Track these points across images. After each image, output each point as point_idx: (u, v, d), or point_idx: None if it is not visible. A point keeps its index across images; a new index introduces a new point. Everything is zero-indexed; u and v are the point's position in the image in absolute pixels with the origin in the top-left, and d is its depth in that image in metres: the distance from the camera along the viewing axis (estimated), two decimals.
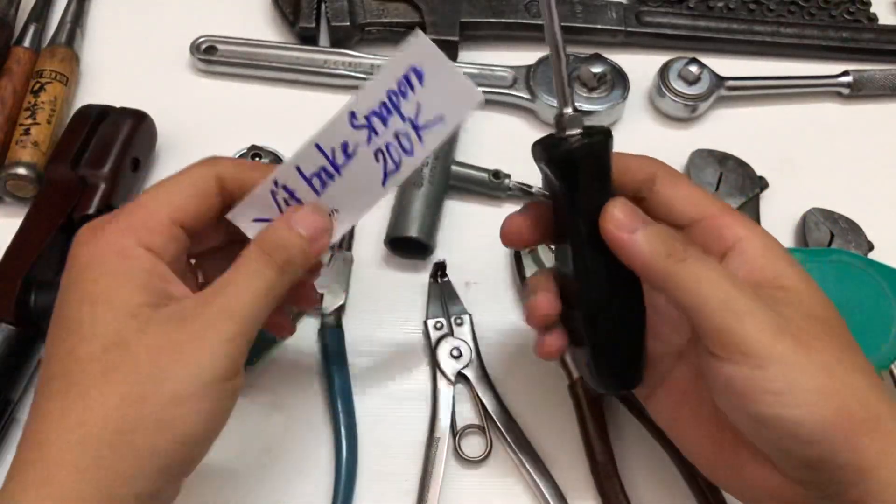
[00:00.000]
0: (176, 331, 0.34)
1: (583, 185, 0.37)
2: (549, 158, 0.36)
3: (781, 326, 0.34)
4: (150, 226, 0.36)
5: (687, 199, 0.39)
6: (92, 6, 0.65)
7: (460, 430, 0.49)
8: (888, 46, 0.66)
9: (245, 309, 0.35)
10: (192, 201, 0.37)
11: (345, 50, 0.62)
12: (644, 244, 0.36)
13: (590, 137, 0.36)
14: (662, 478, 0.49)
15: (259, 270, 0.36)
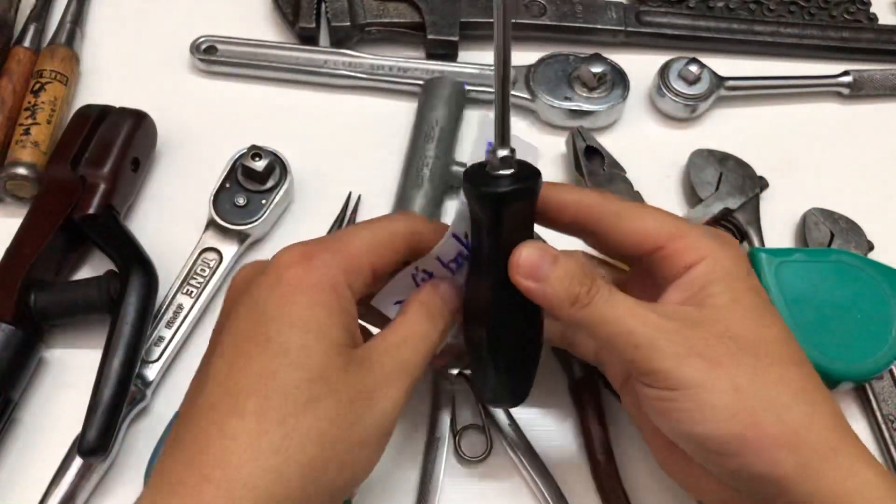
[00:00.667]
0: (367, 376, 0.35)
1: (505, 225, 0.36)
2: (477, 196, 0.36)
3: (690, 350, 0.35)
4: (355, 266, 0.37)
5: (635, 233, 0.39)
6: (92, 6, 0.65)
7: (460, 430, 0.49)
8: (888, 46, 0.66)
9: (418, 365, 0.37)
10: (386, 252, 0.38)
11: (345, 50, 0.62)
12: (548, 293, 0.36)
13: (520, 182, 0.35)
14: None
15: (428, 333, 0.38)
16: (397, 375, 0.36)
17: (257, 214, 0.53)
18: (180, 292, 0.52)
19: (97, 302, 0.48)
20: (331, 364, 0.34)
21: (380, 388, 0.35)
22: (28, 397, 0.49)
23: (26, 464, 0.48)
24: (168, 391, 0.50)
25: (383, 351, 0.36)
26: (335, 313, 0.35)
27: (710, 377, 0.35)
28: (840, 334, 0.48)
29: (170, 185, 0.58)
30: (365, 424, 0.34)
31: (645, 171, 0.58)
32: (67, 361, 0.51)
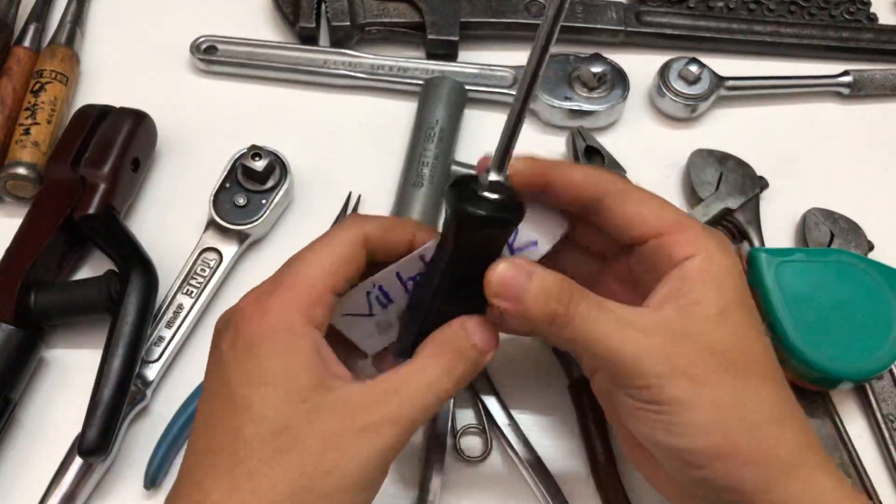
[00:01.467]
0: (343, 422, 0.34)
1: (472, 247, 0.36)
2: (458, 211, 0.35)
3: (673, 368, 0.35)
4: (312, 298, 0.36)
5: (637, 214, 0.38)
6: (92, 6, 0.65)
7: (460, 430, 0.49)
8: (888, 46, 0.66)
9: (416, 420, 0.35)
10: (343, 267, 0.37)
11: (345, 50, 0.62)
12: (528, 313, 0.36)
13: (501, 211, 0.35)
14: None
15: (438, 381, 0.36)
16: (384, 425, 0.34)
17: (257, 214, 0.53)
18: (180, 292, 0.52)
19: (97, 302, 0.48)
20: (294, 413, 0.34)
21: (359, 436, 0.34)
22: (28, 397, 0.49)
23: (26, 464, 0.48)
24: (168, 391, 0.50)
25: (372, 396, 0.35)
26: (295, 357, 0.34)
27: (692, 396, 0.35)
28: (840, 334, 0.48)
29: (170, 185, 0.58)
30: (342, 473, 0.33)
31: (645, 171, 0.58)
32: (67, 361, 0.51)
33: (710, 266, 0.37)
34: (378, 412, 0.34)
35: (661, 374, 0.35)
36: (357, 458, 0.33)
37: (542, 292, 0.36)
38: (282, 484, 0.33)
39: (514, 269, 0.36)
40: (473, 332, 0.37)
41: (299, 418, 0.33)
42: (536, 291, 0.35)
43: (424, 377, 0.36)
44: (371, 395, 0.35)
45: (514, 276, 0.36)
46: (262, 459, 0.33)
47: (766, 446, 0.35)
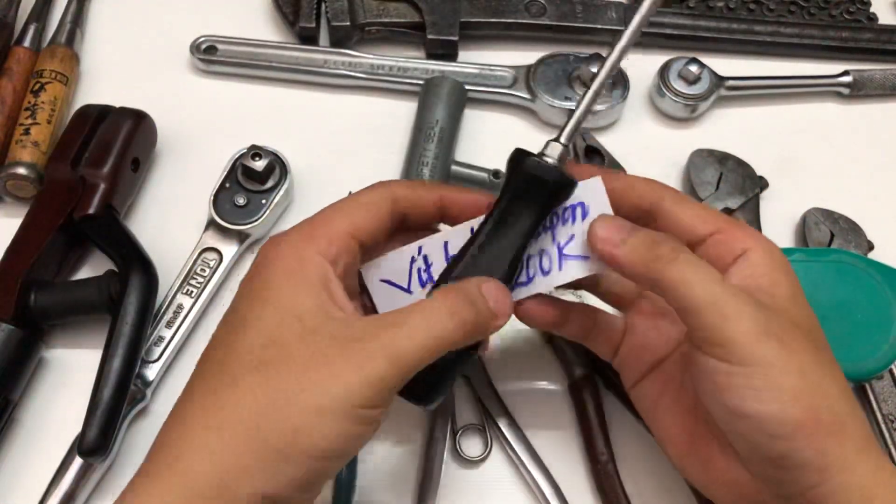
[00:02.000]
0: (335, 347, 0.35)
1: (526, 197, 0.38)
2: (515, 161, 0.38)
3: (766, 329, 0.36)
4: (329, 236, 0.38)
5: (696, 217, 0.40)
6: (92, 6, 0.65)
7: (460, 430, 0.49)
8: (888, 46, 0.66)
9: (410, 355, 0.35)
10: (369, 218, 0.39)
11: (345, 50, 0.62)
12: (630, 253, 0.37)
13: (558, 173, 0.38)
14: (662, 478, 0.49)
15: (440, 322, 0.36)
16: (375, 358, 0.34)
17: (257, 214, 0.53)
18: (180, 292, 0.52)
19: (97, 302, 0.48)
20: (286, 331, 0.35)
21: (348, 362, 0.34)
22: (28, 397, 0.49)
23: (26, 464, 0.48)
24: (168, 391, 0.50)
25: (371, 329, 0.35)
26: (300, 282, 0.36)
27: (782, 358, 0.35)
28: (840, 334, 0.48)
29: (170, 185, 0.58)
30: (324, 392, 0.34)
31: (645, 171, 0.57)
32: (67, 361, 0.51)
33: (774, 256, 0.39)
34: (373, 341, 0.35)
35: (757, 331, 0.35)
36: (342, 382, 0.34)
37: (647, 236, 0.38)
38: (262, 393, 0.34)
39: (617, 221, 0.38)
40: (490, 291, 0.38)
41: (292, 335, 0.35)
42: (641, 236, 0.38)
43: (428, 315, 0.36)
44: (370, 326, 0.36)
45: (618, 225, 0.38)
46: (247, 368, 0.34)
47: (843, 422, 0.36)
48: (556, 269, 0.40)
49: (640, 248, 0.37)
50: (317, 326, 0.35)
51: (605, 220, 0.39)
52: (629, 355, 0.44)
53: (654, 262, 0.37)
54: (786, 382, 0.35)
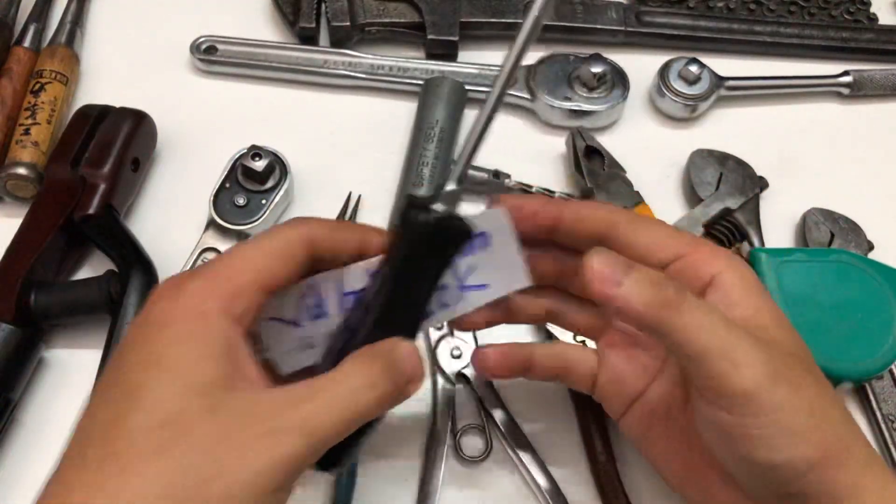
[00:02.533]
0: (243, 427, 0.30)
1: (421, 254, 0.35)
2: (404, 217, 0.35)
3: (775, 373, 0.34)
4: (233, 288, 0.33)
5: (654, 243, 0.38)
6: (92, 6, 0.65)
7: (460, 430, 0.49)
8: (888, 46, 0.66)
9: (326, 431, 0.31)
10: (278, 265, 0.34)
11: (345, 50, 0.62)
12: (635, 297, 0.34)
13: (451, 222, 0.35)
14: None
15: (358, 394, 0.32)
16: (288, 435, 0.30)
17: (257, 214, 0.53)
18: None
19: (97, 302, 0.48)
20: (188, 408, 0.30)
21: (258, 442, 0.30)
22: (28, 397, 0.49)
23: (26, 464, 0.48)
24: None
25: (282, 402, 0.31)
26: (202, 346, 0.31)
27: (792, 401, 0.34)
28: (840, 334, 0.48)
29: (170, 185, 0.58)
30: (233, 479, 0.29)
31: (645, 171, 0.58)
32: (67, 361, 0.51)
33: (744, 278, 0.37)
34: (284, 418, 0.31)
35: (766, 377, 0.33)
36: (253, 465, 0.30)
37: (647, 276, 0.34)
38: (157, 484, 0.29)
39: (612, 258, 0.35)
40: (405, 356, 0.34)
41: (193, 413, 0.30)
42: (641, 276, 0.34)
43: (344, 387, 0.32)
44: (280, 401, 0.31)
45: (613, 262, 0.34)
46: (140, 454, 0.29)
47: (848, 446, 0.35)
48: (455, 301, 0.38)
49: (644, 291, 0.34)
50: (220, 402, 0.30)
51: (603, 256, 0.35)
52: (607, 389, 0.42)
53: (661, 307, 0.34)
54: (797, 425, 0.34)
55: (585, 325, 0.43)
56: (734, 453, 0.35)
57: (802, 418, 0.34)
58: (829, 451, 0.34)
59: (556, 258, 0.41)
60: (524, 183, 0.57)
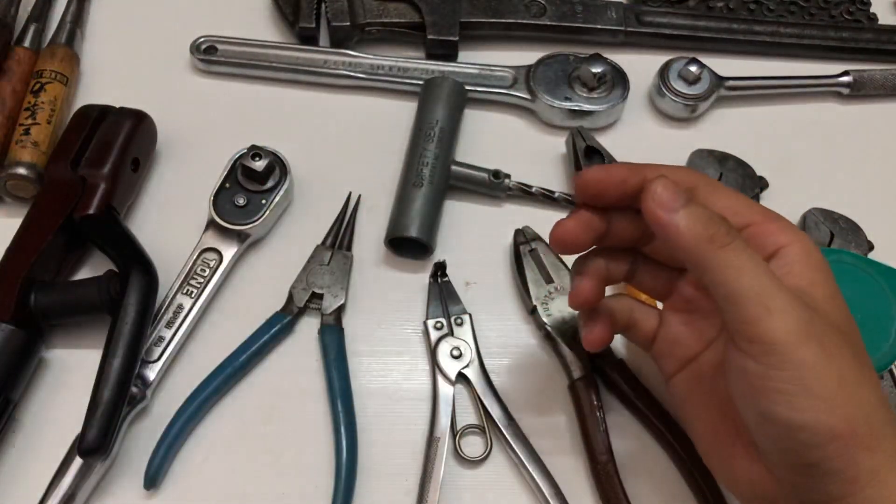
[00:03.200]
0: None
1: None
2: None
3: (808, 330, 0.34)
4: None
5: (729, 208, 0.38)
6: (92, 6, 0.65)
7: (460, 430, 0.49)
8: (888, 46, 0.66)
9: None
10: None
11: (345, 50, 0.62)
12: (685, 226, 0.35)
13: None
14: (662, 478, 0.49)
15: None
16: None
17: (257, 214, 0.53)
18: (180, 292, 0.52)
19: (97, 302, 0.48)
20: None
21: None
22: (28, 397, 0.49)
23: (26, 464, 0.48)
24: (168, 391, 0.50)
25: None
26: None
27: (821, 362, 0.34)
28: None
29: (170, 185, 0.58)
30: None
31: None
32: (67, 361, 0.51)
33: (812, 254, 0.38)
34: None
35: (800, 331, 0.34)
36: None
37: (703, 211, 0.36)
38: None
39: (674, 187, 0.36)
40: None
41: None
42: (697, 209, 0.36)
43: None
44: None
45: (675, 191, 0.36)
46: None
47: (879, 432, 0.34)
48: None
49: (697, 223, 0.35)
50: None
51: (667, 183, 0.36)
52: (663, 349, 0.44)
53: (707, 241, 0.35)
54: (823, 389, 0.34)
55: (655, 288, 0.45)
56: (756, 408, 0.35)
57: (830, 386, 0.34)
58: (855, 429, 0.34)
59: (637, 222, 0.42)
60: (524, 183, 0.57)
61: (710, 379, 0.41)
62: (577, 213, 0.41)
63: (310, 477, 0.48)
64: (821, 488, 0.35)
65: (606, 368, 0.50)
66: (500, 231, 0.56)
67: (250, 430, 0.49)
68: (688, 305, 0.43)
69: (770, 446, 0.36)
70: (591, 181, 0.40)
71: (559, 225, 0.41)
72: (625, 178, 0.39)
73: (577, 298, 0.42)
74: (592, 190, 0.40)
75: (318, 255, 0.54)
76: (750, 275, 0.35)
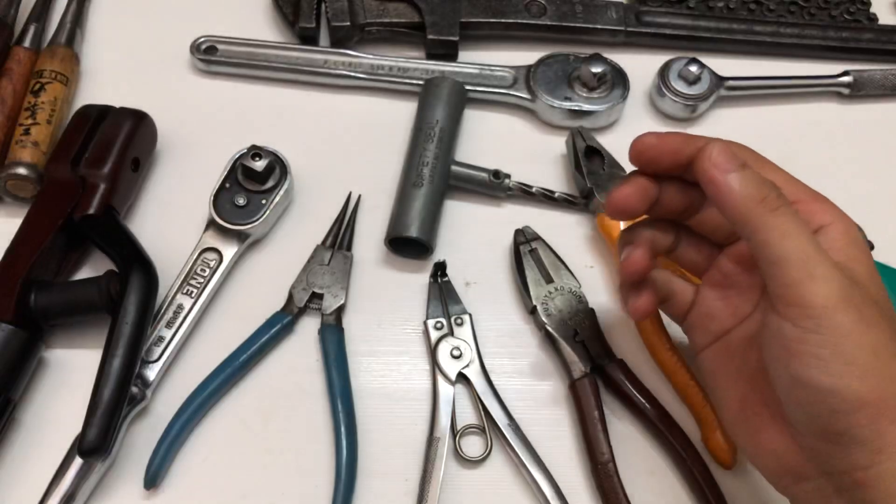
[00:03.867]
0: None
1: None
2: None
3: (848, 298, 0.35)
4: None
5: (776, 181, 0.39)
6: (92, 6, 0.65)
7: (460, 430, 0.49)
8: (888, 46, 0.66)
9: None
10: None
11: (345, 50, 0.62)
12: (738, 187, 0.37)
13: None
14: (662, 478, 0.49)
15: None
16: None
17: (257, 214, 0.53)
18: (180, 292, 0.52)
19: (97, 302, 0.48)
20: None
21: None
22: (28, 397, 0.49)
23: (26, 464, 0.48)
24: (168, 391, 0.50)
25: None
26: None
27: (858, 330, 0.35)
28: None
29: (170, 185, 0.58)
30: None
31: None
32: (67, 361, 0.51)
33: (853, 233, 0.39)
34: None
35: (841, 297, 0.35)
36: None
37: (756, 175, 0.37)
38: None
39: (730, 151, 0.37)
40: None
41: None
42: (750, 173, 0.37)
43: None
44: None
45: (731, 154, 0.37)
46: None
47: None
48: None
49: (749, 185, 0.36)
50: None
51: (724, 146, 0.38)
52: (696, 322, 0.45)
53: (758, 203, 0.36)
54: (857, 357, 0.34)
55: (695, 261, 0.45)
56: (789, 371, 0.36)
57: (865, 354, 0.34)
58: (885, 399, 0.34)
59: (684, 192, 0.43)
60: (524, 183, 0.57)
61: (741, 353, 0.42)
62: (632, 178, 0.42)
63: (310, 477, 0.48)
64: (845, 457, 0.35)
65: (606, 368, 0.50)
66: (500, 231, 0.56)
67: (250, 430, 0.49)
68: (725, 280, 0.44)
69: (799, 412, 0.37)
70: (646, 147, 0.41)
71: (617, 191, 0.42)
72: (679, 146, 0.40)
73: (631, 268, 0.43)
74: (647, 156, 0.41)
75: (318, 255, 0.54)
76: (796, 240, 0.36)
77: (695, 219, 0.44)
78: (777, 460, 0.39)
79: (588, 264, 0.56)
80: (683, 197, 0.43)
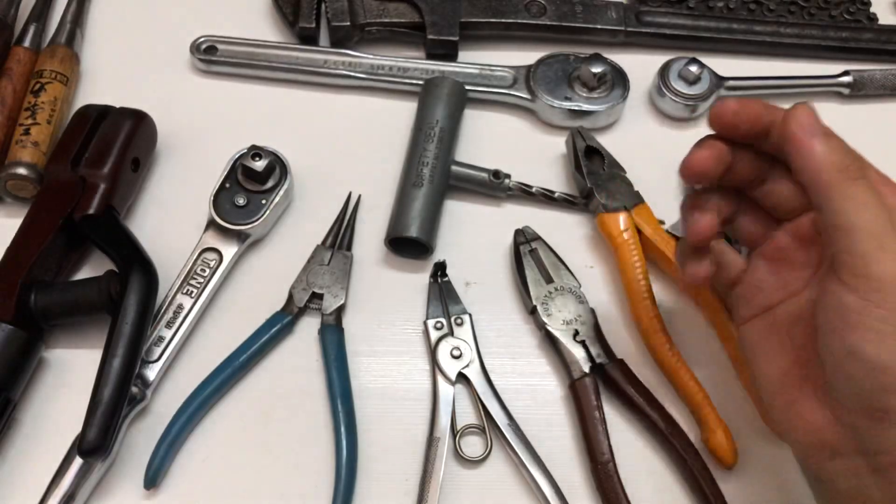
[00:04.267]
0: None
1: None
2: None
3: None
4: None
5: None
6: (92, 6, 0.65)
7: (460, 430, 0.49)
8: (888, 46, 0.66)
9: None
10: None
11: (345, 50, 0.62)
12: (822, 151, 0.37)
13: None
14: (662, 478, 0.49)
15: None
16: None
17: (257, 214, 0.53)
18: (180, 292, 0.52)
19: (97, 302, 0.48)
20: None
21: None
22: (28, 397, 0.49)
23: (26, 464, 0.48)
24: (168, 391, 0.50)
25: None
26: None
27: None
28: None
29: (170, 185, 0.58)
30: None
31: (645, 171, 0.58)
32: (67, 361, 0.51)
33: None
34: None
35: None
36: None
37: (840, 143, 0.37)
38: None
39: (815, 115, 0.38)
40: None
41: None
42: (835, 141, 0.37)
43: None
44: None
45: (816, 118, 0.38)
46: None
47: None
48: None
49: (833, 151, 0.37)
50: None
51: (807, 109, 0.38)
52: (744, 294, 0.44)
53: (839, 169, 0.36)
54: None
55: (752, 233, 0.45)
56: (844, 343, 0.36)
57: None
58: None
59: (754, 162, 0.43)
60: (524, 183, 0.57)
61: (786, 328, 0.42)
62: (709, 142, 0.42)
63: (310, 477, 0.48)
64: (886, 436, 0.35)
65: (606, 368, 0.50)
66: (500, 231, 0.56)
67: (250, 430, 0.49)
68: (779, 254, 0.43)
69: (847, 386, 0.36)
70: (727, 111, 0.41)
71: (693, 153, 0.42)
72: (760, 112, 0.41)
73: (701, 233, 0.43)
74: (727, 120, 0.41)
75: (318, 255, 0.54)
76: (872, 212, 0.36)
77: (759, 190, 0.44)
78: (813, 434, 0.39)
79: (588, 264, 0.56)
80: (753, 167, 0.43)
